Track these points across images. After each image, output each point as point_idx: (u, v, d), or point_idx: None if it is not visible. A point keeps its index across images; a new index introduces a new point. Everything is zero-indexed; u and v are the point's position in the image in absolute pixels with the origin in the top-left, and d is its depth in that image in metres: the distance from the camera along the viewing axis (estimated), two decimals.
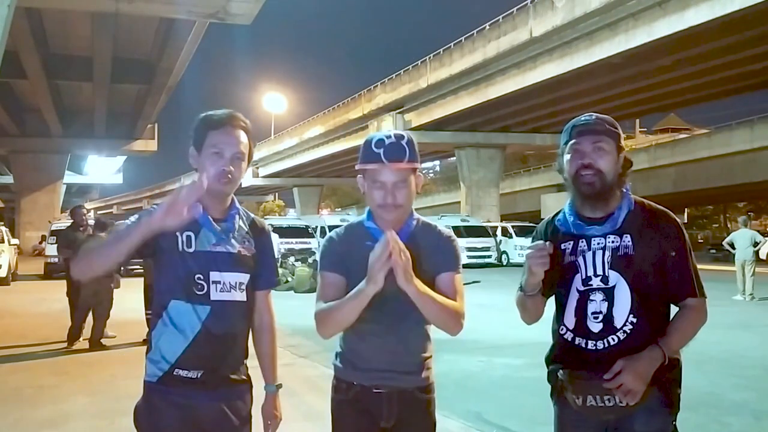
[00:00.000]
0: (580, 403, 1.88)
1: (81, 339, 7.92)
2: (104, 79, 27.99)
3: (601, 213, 1.95)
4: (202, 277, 1.89)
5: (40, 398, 5.45)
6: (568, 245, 1.98)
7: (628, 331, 1.88)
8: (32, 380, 6.13)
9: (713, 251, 31.64)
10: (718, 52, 22.07)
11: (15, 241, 21.13)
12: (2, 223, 21.85)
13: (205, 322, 1.88)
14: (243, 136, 1.95)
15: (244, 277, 1.97)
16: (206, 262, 1.91)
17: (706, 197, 44.55)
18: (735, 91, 30.44)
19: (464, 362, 6.78)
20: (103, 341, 7.88)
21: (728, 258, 13.87)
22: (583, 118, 1.97)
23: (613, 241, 1.92)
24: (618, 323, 1.89)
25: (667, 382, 1.90)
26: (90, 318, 8.05)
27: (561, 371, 1.94)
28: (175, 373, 1.88)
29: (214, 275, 1.91)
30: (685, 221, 52.93)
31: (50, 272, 18.26)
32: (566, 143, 1.96)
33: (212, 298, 1.90)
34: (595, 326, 1.91)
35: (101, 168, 62.02)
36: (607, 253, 1.91)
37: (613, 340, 1.89)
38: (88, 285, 7.99)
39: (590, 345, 1.91)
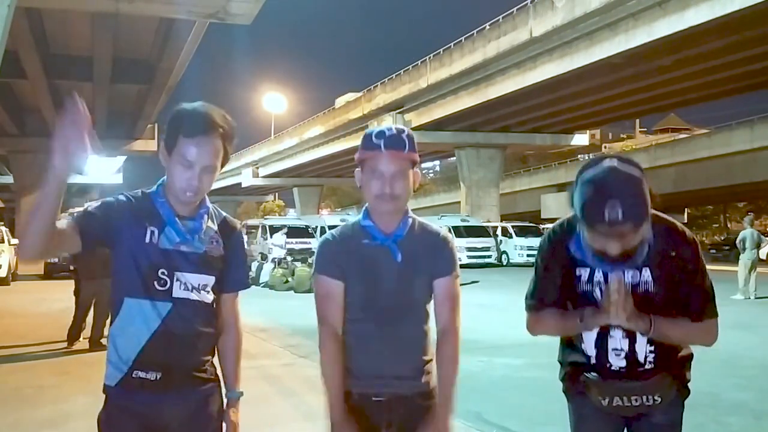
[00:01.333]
0: (606, 404, 1.88)
1: (81, 338, 7.93)
2: (104, 79, 27.94)
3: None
4: (166, 272, 1.79)
5: (40, 398, 5.45)
6: (583, 272, 1.88)
7: (652, 360, 1.86)
8: (32, 380, 6.13)
9: (713, 251, 31.67)
10: (718, 52, 22.06)
11: (15, 241, 21.10)
12: (2, 223, 21.82)
13: (165, 320, 1.78)
14: (217, 144, 1.80)
15: (209, 279, 1.87)
16: (169, 260, 1.81)
17: (706, 197, 44.54)
18: (735, 91, 30.42)
19: (464, 362, 6.68)
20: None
21: (728, 258, 14.06)
22: (607, 211, 1.59)
23: (632, 276, 1.82)
24: (641, 357, 1.86)
25: (683, 375, 1.93)
26: (90, 318, 8.05)
27: (586, 374, 1.92)
28: (134, 375, 1.79)
29: (177, 275, 1.81)
30: (685, 221, 52.93)
31: (50, 272, 18.26)
32: (585, 227, 1.70)
33: (174, 295, 1.80)
34: (618, 361, 1.88)
35: (101, 168, 61.93)
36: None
37: (640, 370, 1.87)
38: (88, 285, 8.00)
39: (614, 367, 1.90)
